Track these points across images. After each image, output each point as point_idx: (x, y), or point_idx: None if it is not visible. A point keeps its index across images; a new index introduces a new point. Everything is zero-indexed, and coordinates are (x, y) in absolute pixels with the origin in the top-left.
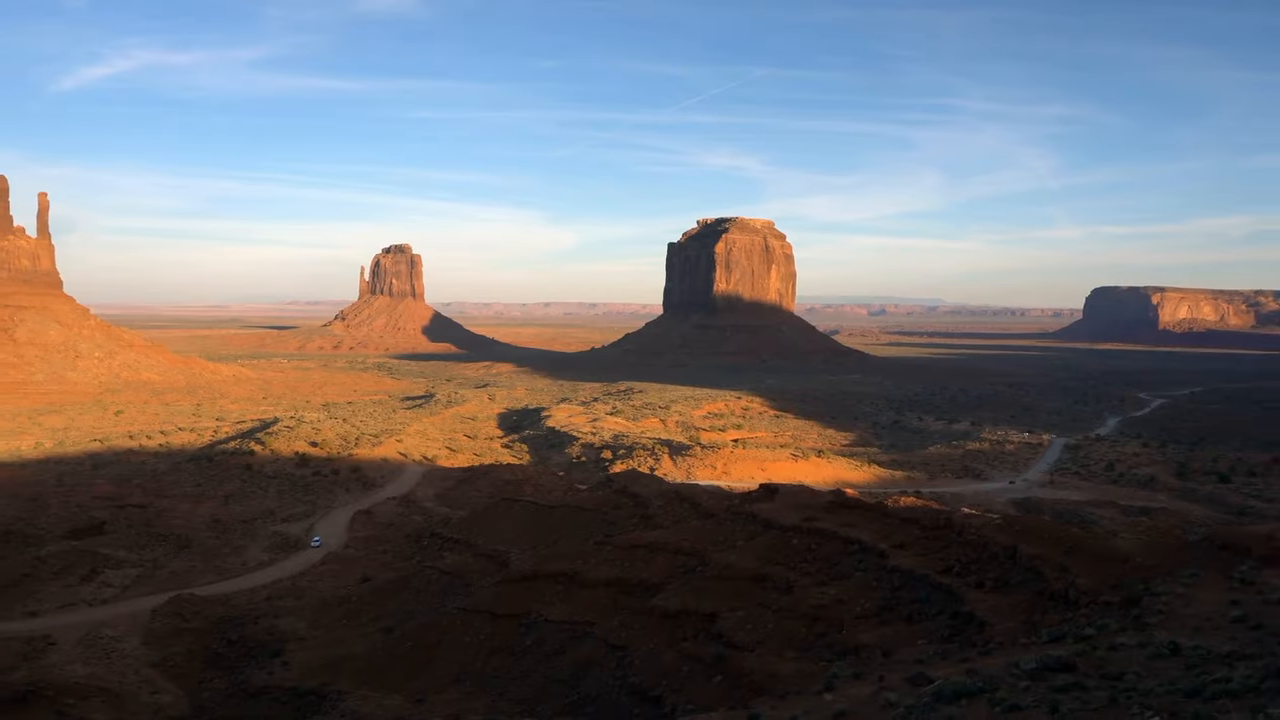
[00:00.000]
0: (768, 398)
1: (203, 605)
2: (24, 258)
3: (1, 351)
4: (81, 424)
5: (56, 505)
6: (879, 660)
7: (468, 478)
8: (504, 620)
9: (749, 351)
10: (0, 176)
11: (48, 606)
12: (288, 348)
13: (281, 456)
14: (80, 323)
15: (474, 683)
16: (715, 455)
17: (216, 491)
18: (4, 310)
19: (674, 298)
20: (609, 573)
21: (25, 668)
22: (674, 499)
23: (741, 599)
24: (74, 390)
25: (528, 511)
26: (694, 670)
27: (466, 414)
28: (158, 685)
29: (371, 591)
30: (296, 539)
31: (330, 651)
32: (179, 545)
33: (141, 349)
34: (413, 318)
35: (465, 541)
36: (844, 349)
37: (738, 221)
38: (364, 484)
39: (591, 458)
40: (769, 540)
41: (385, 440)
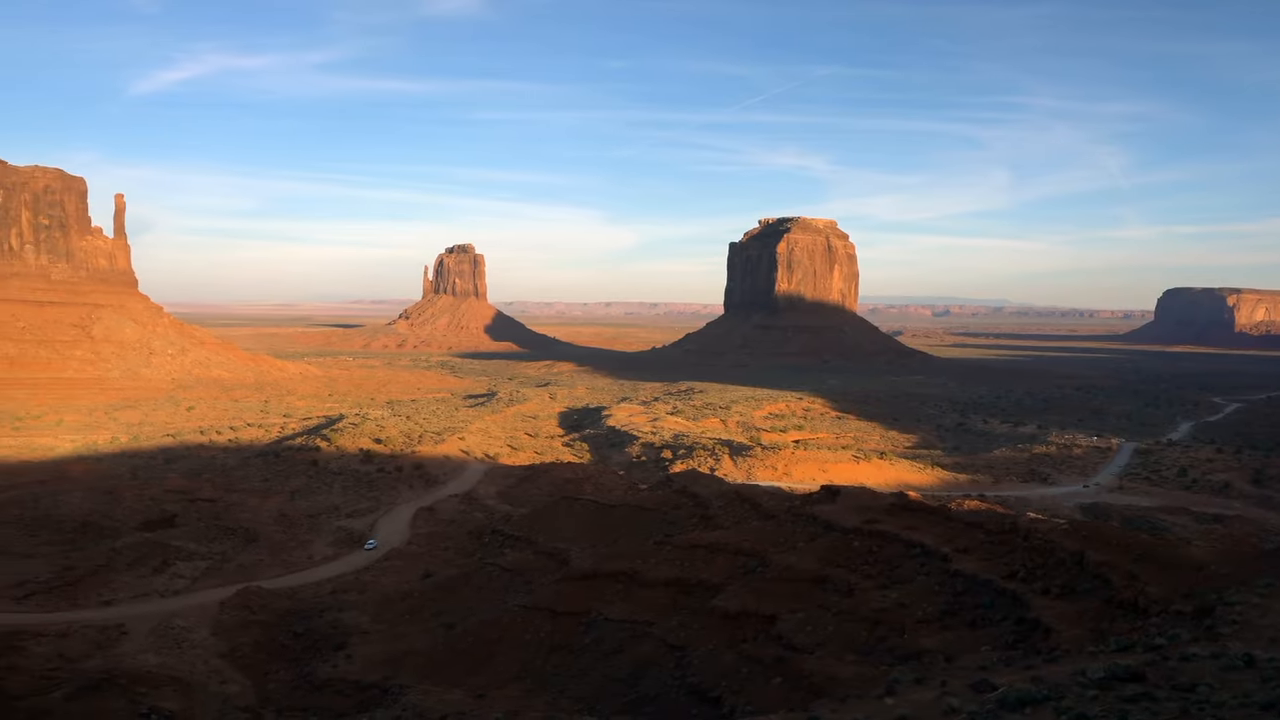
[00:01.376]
0: (829, 399)
1: (269, 598)
2: (101, 257)
3: (79, 349)
4: (155, 419)
5: (131, 498)
6: (941, 665)
7: (529, 476)
8: (564, 618)
9: (811, 352)
10: (79, 178)
11: (121, 596)
12: (353, 346)
13: (346, 453)
14: (154, 321)
15: (534, 680)
16: (776, 456)
17: (283, 487)
18: (82, 308)
19: (735, 298)
20: (669, 572)
21: (100, 656)
22: (734, 499)
23: (802, 601)
24: (148, 386)
25: (588, 510)
26: (753, 671)
27: (528, 412)
28: (226, 675)
29: (433, 587)
30: (360, 534)
31: (393, 646)
32: (247, 539)
33: (212, 346)
34: (475, 317)
35: (526, 539)
36: (907, 350)
37: (800, 221)
38: (427, 481)
39: (652, 457)
40: (830, 542)
41: (448, 438)
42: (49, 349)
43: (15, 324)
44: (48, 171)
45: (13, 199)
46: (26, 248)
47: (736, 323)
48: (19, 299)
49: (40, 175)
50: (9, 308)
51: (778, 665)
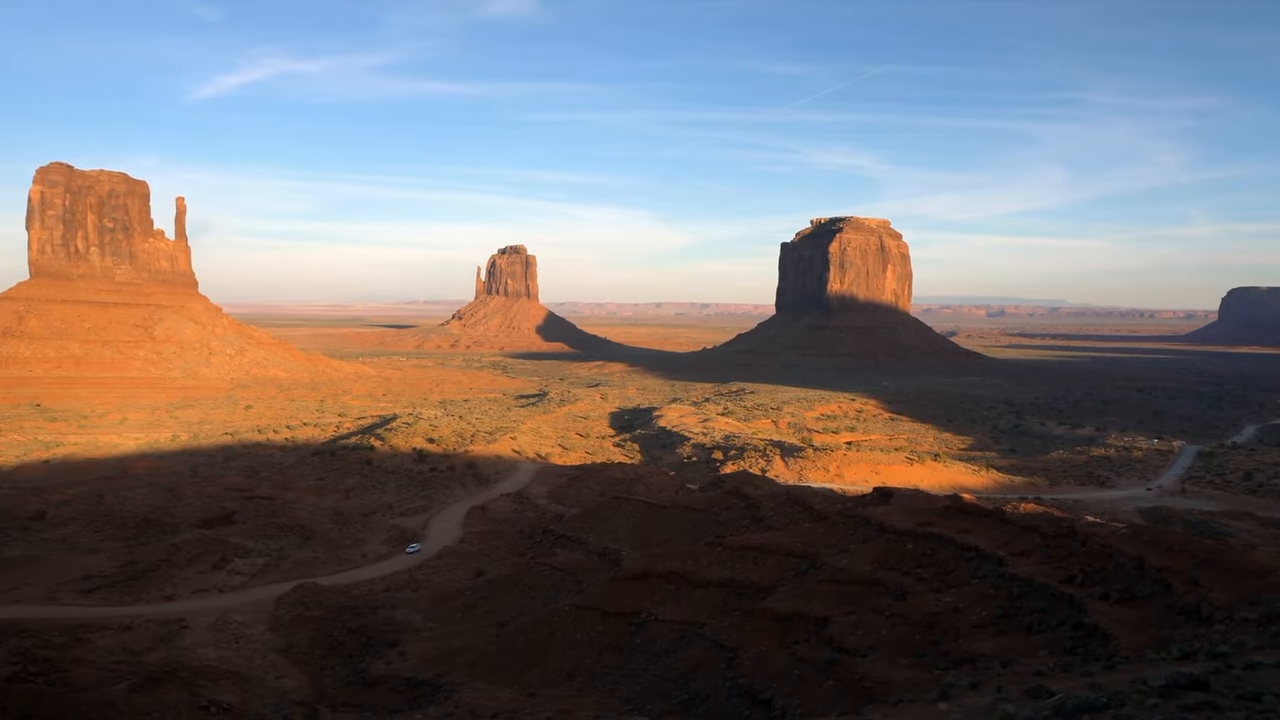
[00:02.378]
0: (882, 400)
1: (324, 595)
2: (163, 259)
3: (142, 349)
4: (214, 418)
5: (191, 495)
6: (997, 671)
7: (580, 476)
8: (615, 618)
9: (863, 353)
10: (142, 182)
11: (182, 591)
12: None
13: (400, 452)
14: (214, 321)
15: (585, 679)
16: (828, 457)
17: (338, 485)
18: (144, 309)
19: (787, 298)
20: (720, 573)
21: (162, 649)
22: (785, 501)
23: (854, 603)
24: (207, 386)
25: (639, 510)
26: (805, 674)
27: (579, 413)
28: (282, 670)
29: (485, 586)
30: (413, 532)
31: (445, 644)
32: (303, 536)
33: (269, 346)
34: (527, 317)
35: (577, 539)
36: (962, 351)
37: (852, 221)
38: (479, 480)
39: (702, 458)
40: (883, 545)
41: (500, 438)
42: (113, 349)
43: (82, 324)
44: (112, 176)
45: (79, 203)
46: (92, 250)
47: (788, 323)
48: (85, 300)
49: (105, 179)
50: (76, 309)
51: (830, 668)
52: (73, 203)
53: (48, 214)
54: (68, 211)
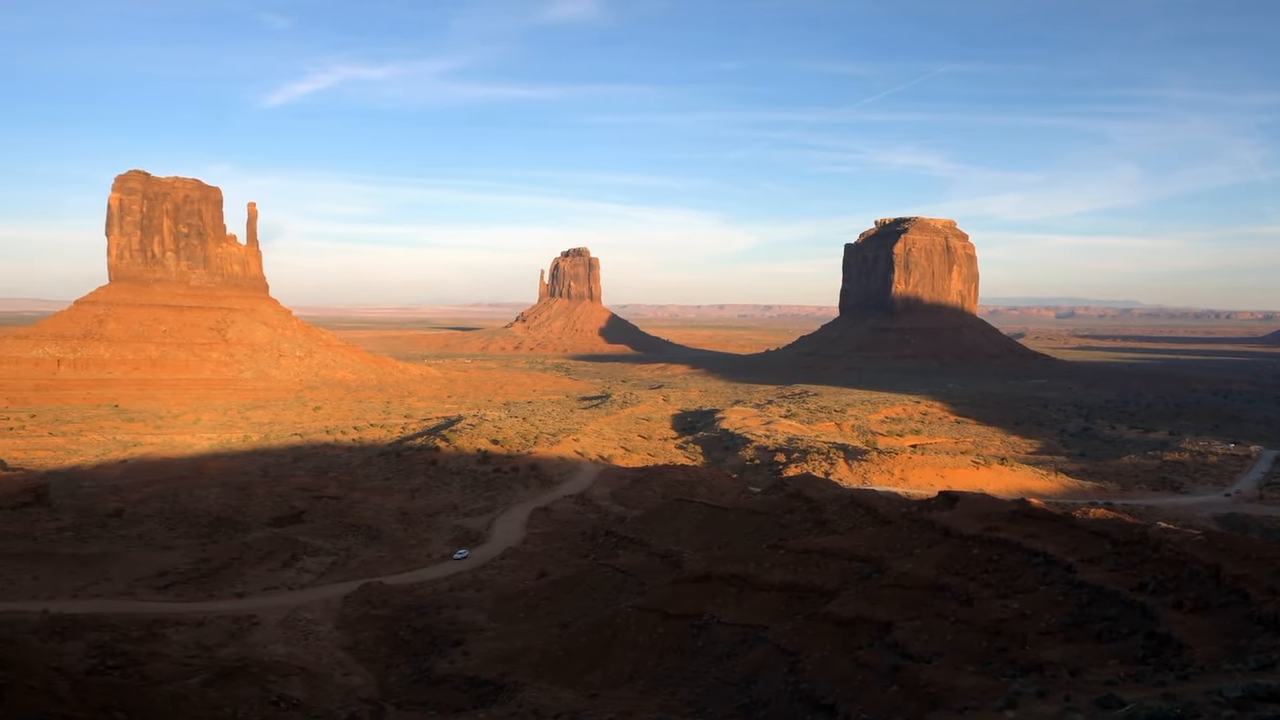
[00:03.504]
0: (948, 402)
1: (390, 594)
2: (235, 263)
3: (215, 350)
4: (284, 419)
5: (261, 495)
6: (1065, 679)
7: (642, 478)
8: (677, 620)
9: (928, 355)
10: (215, 188)
11: (253, 589)
12: (471, 348)
13: (464, 453)
14: (284, 324)
15: (647, 681)
16: (892, 460)
17: (404, 485)
18: (217, 312)
19: (851, 299)
20: (782, 577)
21: (234, 645)
22: (849, 504)
23: (918, 608)
24: (277, 387)
25: (701, 513)
26: (868, 679)
27: (641, 415)
28: (349, 667)
29: (548, 586)
30: (477, 533)
31: (508, 644)
32: (369, 536)
33: (337, 349)
34: (590, 319)
35: (639, 540)
36: (1029, 352)
37: (917, 221)
38: (542, 481)
39: (765, 460)
40: (948, 549)
41: (563, 439)
42: (188, 351)
43: (158, 327)
44: (186, 182)
45: (155, 209)
46: (168, 255)
47: (852, 325)
48: (161, 304)
49: (180, 186)
50: (152, 312)
51: (893, 673)
52: (150, 209)
53: (126, 220)
54: (145, 218)
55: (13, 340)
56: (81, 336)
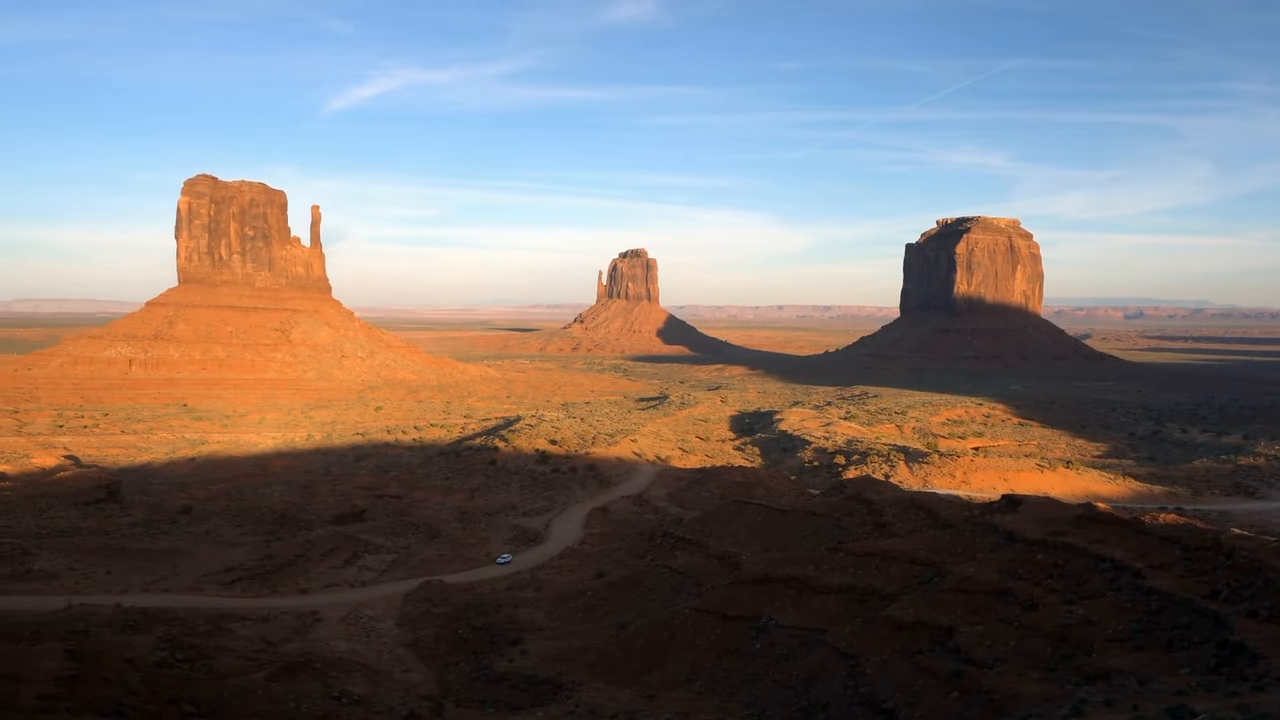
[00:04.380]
0: (1011, 404)
1: (450, 592)
2: (299, 265)
3: (279, 351)
4: (346, 418)
5: (324, 493)
6: (1134, 688)
7: (700, 479)
8: (735, 622)
9: (991, 356)
10: (280, 192)
11: (316, 585)
12: (530, 349)
13: (523, 453)
14: (346, 325)
15: (704, 683)
16: (954, 463)
17: (463, 485)
18: (281, 313)
19: (911, 300)
20: (841, 580)
21: (297, 640)
22: (910, 507)
23: (981, 613)
24: (340, 387)
25: (759, 514)
26: (929, 684)
27: (699, 416)
28: (409, 664)
29: (606, 587)
30: (535, 533)
31: (566, 643)
32: (429, 534)
33: (398, 349)
34: (647, 320)
35: (697, 542)
36: (1096, 354)
37: (980, 221)
38: (600, 482)
39: (824, 462)
40: (1011, 554)
41: (620, 440)
42: (253, 351)
43: (225, 328)
44: (253, 186)
45: (223, 212)
46: (234, 257)
47: (913, 326)
48: (228, 305)
49: (246, 190)
50: (219, 313)
51: (955, 679)
52: (217, 213)
53: (194, 224)
54: (212, 221)
55: (87, 341)
56: (152, 337)
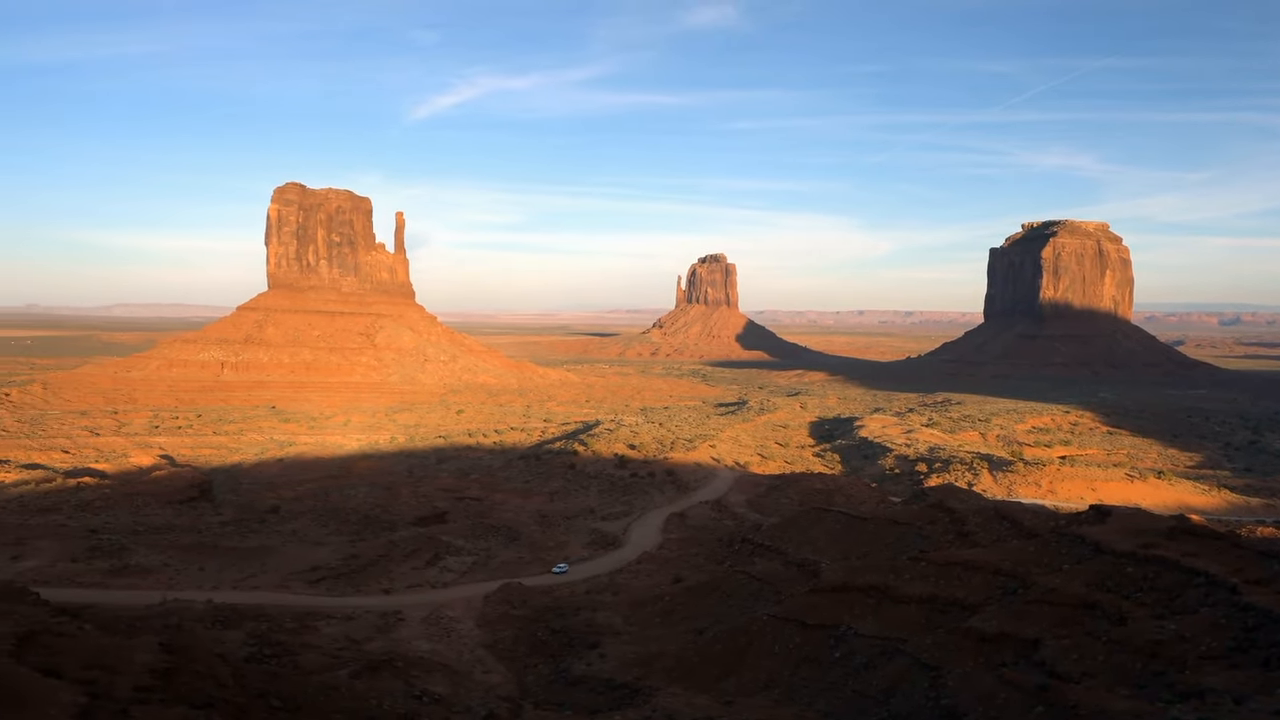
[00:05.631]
0: (1100, 412)
1: (529, 594)
2: (383, 270)
3: (364, 355)
4: (428, 421)
5: (407, 494)
6: (1229, 707)
7: (778, 485)
8: (814, 630)
9: (1079, 363)
10: (365, 199)
11: (398, 585)
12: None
13: (602, 457)
14: (429, 329)
15: (782, 691)
16: (1039, 472)
17: (543, 488)
18: (366, 318)
19: (996, 305)
20: (922, 589)
21: (380, 639)
22: (993, 516)
23: (1067, 626)
24: (422, 390)
25: (839, 522)
26: (1012, 698)
27: (778, 421)
28: (489, 665)
29: (684, 592)
30: (614, 537)
31: (644, 648)
32: (509, 537)
33: (479, 354)
34: (726, 325)
35: (775, 548)
36: (1189, 361)
37: (1067, 224)
38: (678, 486)
39: (905, 470)
40: (1099, 566)
41: (699, 445)
42: (339, 355)
43: (312, 332)
44: (339, 193)
45: (310, 219)
46: (321, 263)
47: (997, 331)
48: (315, 310)
49: (333, 197)
50: (307, 318)
51: (1040, 693)
52: (305, 219)
53: (283, 230)
54: (300, 227)
55: (182, 344)
56: (243, 341)
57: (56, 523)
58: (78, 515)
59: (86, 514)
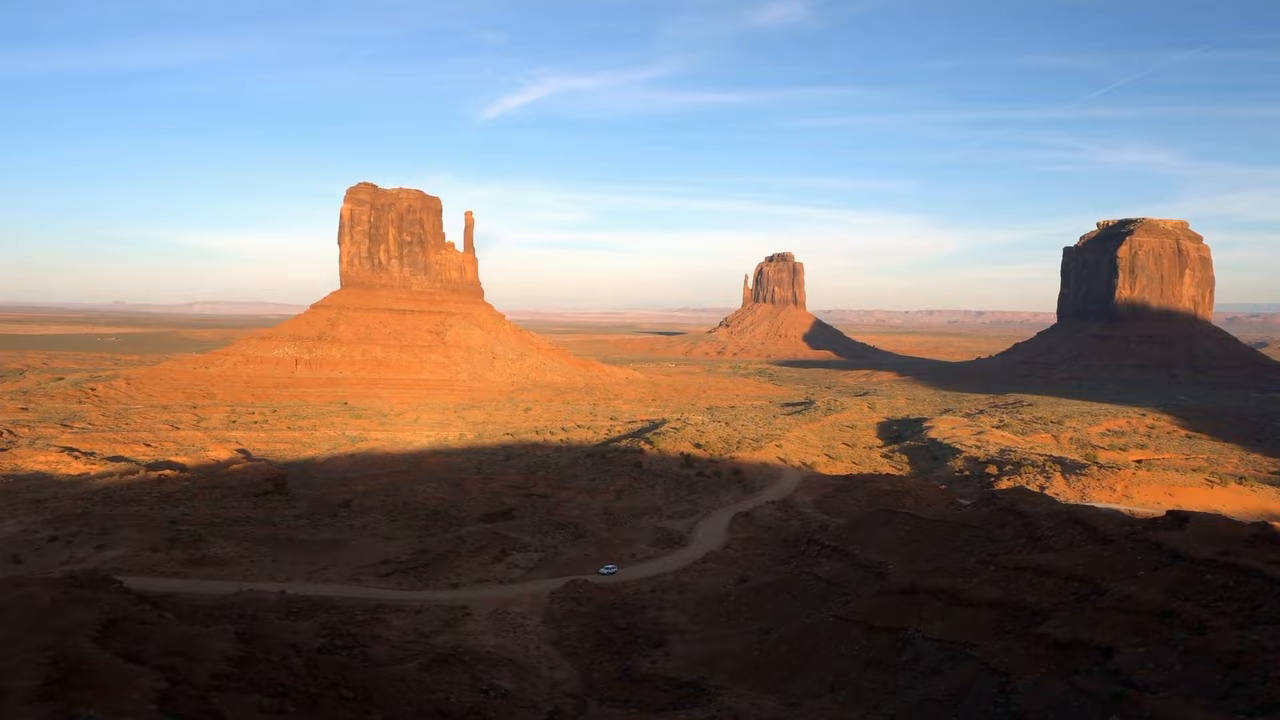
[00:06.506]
0: (1178, 415)
1: (595, 592)
2: (453, 269)
3: (434, 353)
4: (496, 419)
5: (475, 491)
6: None
7: (846, 486)
8: (880, 633)
9: (1156, 364)
10: (435, 198)
11: (465, 580)
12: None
13: (668, 456)
14: (497, 327)
15: (849, 693)
16: (1114, 476)
17: (609, 486)
18: (436, 316)
19: (1069, 305)
20: (992, 593)
21: (447, 633)
22: (1066, 520)
23: (1142, 634)
24: (490, 388)
25: (907, 524)
26: (1085, 706)
27: (846, 422)
28: (554, 661)
29: (749, 592)
30: (680, 535)
31: (709, 647)
32: (575, 534)
33: (547, 352)
34: (794, 325)
35: (842, 550)
36: (1273, 363)
37: (1144, 223)
38: (744, 486)
39: (975, 472)
40: (1177, 573)
41: (765, 445)
42: (409, 353)
43: (383, 330)
44: (410, 193)
45: (382, 218)
46: (392, 262)
47: (1071, 332)
48: (386, 308)
49: (404, 196)
50: (378, 316)
51: (1114, 702)
52: (376, 219)
53: (355, 230)
54: (372, 227)
55: (258, 341)
56: (316, 338)
57: (139, 513)
58: (159, 507)
59: (167, 505)
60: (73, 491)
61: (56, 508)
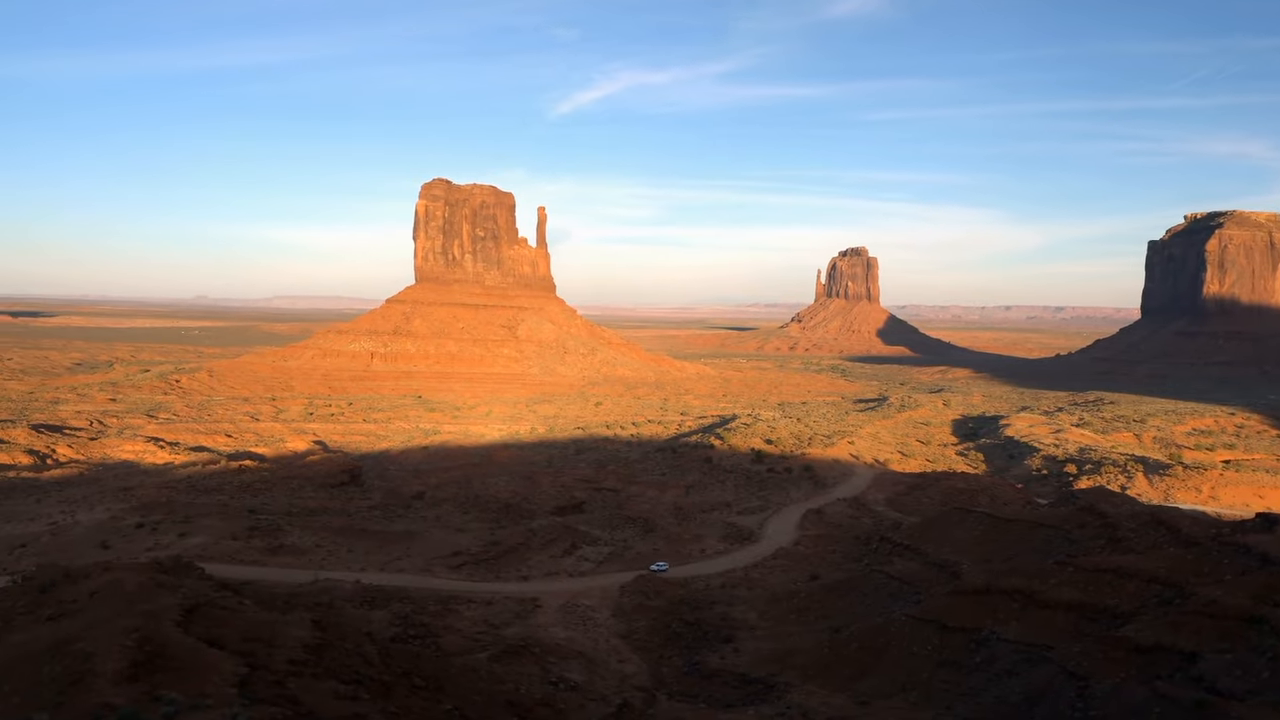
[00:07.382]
0: (1269, 415)
1: (664, 586)
2: (525, 264)
3: (506, 347)
4: (567, 413)
5: (546, 484)
6: None
7: (919, 484)
8: (954, 633)
9: (1247, 362)
10: (508, 194)
11: (536, 573)
12: (746, 348)
13: (738, 452)
14: (569, 322)
15: (920, 694)
16: (1200, 477)
17: (679, 481)
18: (509, 310)
19: (1154, 301)
20: (1070, 595)
21: (517, 625)
22: (1148, 522)
23: (1229, 640)
24: (561, 382)
25: (981, 523)
26: (1168, 712)
27: (919, 419)
28: (623, 655)
29: (820, 589)
30: (750, 531)
31: (778, 644)
32: (645, 528)
33: (618, 347)
34: (867, 320)
35: (915, 548)
36: None
37: (1235, 215)
38: (815, 483)
39: (1053, 471)
40: (1266, 578)
41: (837, 441)
42: (482, 347)
43: (456, 324)
44: (483, 189)
45: (456, 214)
46: (466, 257)
47: (1155, 328)
48: (459, 302)
49: (478, 192)
50: (452, 310)
51: (1198, 709)
52: (451, 214)
53: (430, 225)
54: (446, 222)
55: (334, 335)
56: (391, 333)
57: (220, 502)
58: (239, 496)
59: (247, 495)
60: (158, 480)
61: (143, 495)
